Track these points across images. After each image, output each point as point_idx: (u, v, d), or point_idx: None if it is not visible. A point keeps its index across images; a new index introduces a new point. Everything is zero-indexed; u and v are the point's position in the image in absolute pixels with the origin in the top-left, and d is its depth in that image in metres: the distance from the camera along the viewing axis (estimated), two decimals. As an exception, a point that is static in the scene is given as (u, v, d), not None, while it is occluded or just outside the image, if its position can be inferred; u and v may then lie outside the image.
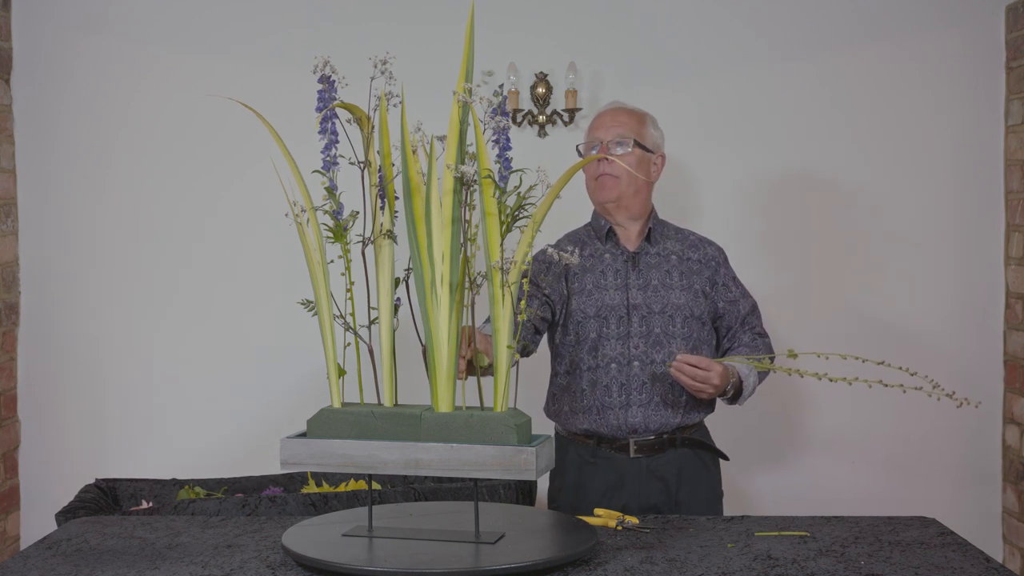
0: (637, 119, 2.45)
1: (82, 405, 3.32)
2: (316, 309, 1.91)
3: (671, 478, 2.37)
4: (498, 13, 3.16)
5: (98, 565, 1.76)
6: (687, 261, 2.45)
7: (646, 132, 2.45)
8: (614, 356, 2.36)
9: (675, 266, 2.44)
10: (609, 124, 2.43)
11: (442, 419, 1.79)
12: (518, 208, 1.82)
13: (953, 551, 1.80)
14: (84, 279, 3.32)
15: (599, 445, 2.38)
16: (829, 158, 3.29)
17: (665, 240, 2.47)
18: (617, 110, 2.47)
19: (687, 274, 2.43)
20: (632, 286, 2.40)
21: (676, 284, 2.41)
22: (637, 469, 2.36)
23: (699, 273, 2.44)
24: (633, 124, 2.43)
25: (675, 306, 2.39)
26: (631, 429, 2.35)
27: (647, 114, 2.50)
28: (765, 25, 3.29)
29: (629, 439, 2.36)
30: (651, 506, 2.35)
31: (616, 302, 2.39)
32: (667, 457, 2.38)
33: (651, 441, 2.37)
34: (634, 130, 2.42)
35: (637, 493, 2.36)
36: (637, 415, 2.35)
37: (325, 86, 1.87)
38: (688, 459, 2.40)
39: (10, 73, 3.27)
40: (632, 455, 2.36)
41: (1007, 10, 3.23)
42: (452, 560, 1.67)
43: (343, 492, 2.36)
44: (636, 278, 2.41)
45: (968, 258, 3.29)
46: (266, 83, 3.20)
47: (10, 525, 3.29)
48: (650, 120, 2.49)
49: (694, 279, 2.43)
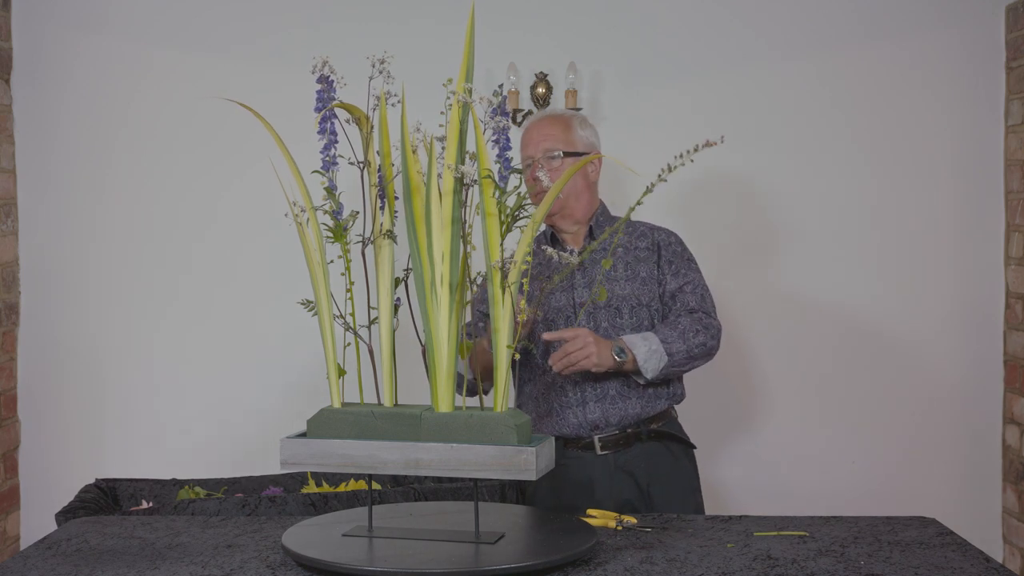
0: (563, 126, 2.43)
1: (82, 405, 3.32)
2: (316, 309, 1.91)
3: (640, 473, 2.35)
4: (498, 13, 3.16)
5: (98, 565, 1.76)
6: (634, 251, 2.43)
7: (574, 137, 2.43)
8: None
9: (620, 258, 2.42)
10: (536, 139, 2.42)
11: (442, 419, 1.79)
12: (518, 208, 1.82)
13: (953, 551, 1.80)
14: (84, 279, 3.32)
15: (566, 447, 2.37)
16: (829, 158, 3.29)
17: (612, 234, 2.44)
18: (541, 122, 2.45)
19: (632, 263, 2.41)
20: (577, 285, 2.40)
21: (621, 276, 2.40)
22: (605, 466, 2.35)
23: (646, 260, 2.42)
24: (559, 133, 2.41)
25: (620, 298, 2.37)
26: (592, 425, 2.35)
27: (574, 116, 2.47)
28: (765, 25, 3.29)
29: (593, 436, 2.35)
30: (624, 502, 2.33)
31: (563, 303, 2.39)
32: (634, 452, 2.36)
33: (616, 436, 2.35)
34: (561, 139, 2.40)
35: (608, 490, 2.34)
36: (595, 411, 2.34)
37: (324, 86, 1.87)
38: (657, 452, 2.38)
39: (10, 73, 3.27)
40: (599, 452, 2.35)
41: (1007, 10, 3.24)
42: (452, 560, 1.67)
43: (343, 492, 2.36)
44: (581, 277, 2.41)
45: (968, 258, 3.29)
46: (266, 83, 3.20)
47: (10, 525, 3.29)
48: (577, 122, 2.46)
49: (640, 267, 2.41)
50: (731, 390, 3.32)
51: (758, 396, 3.33)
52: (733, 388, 3.32)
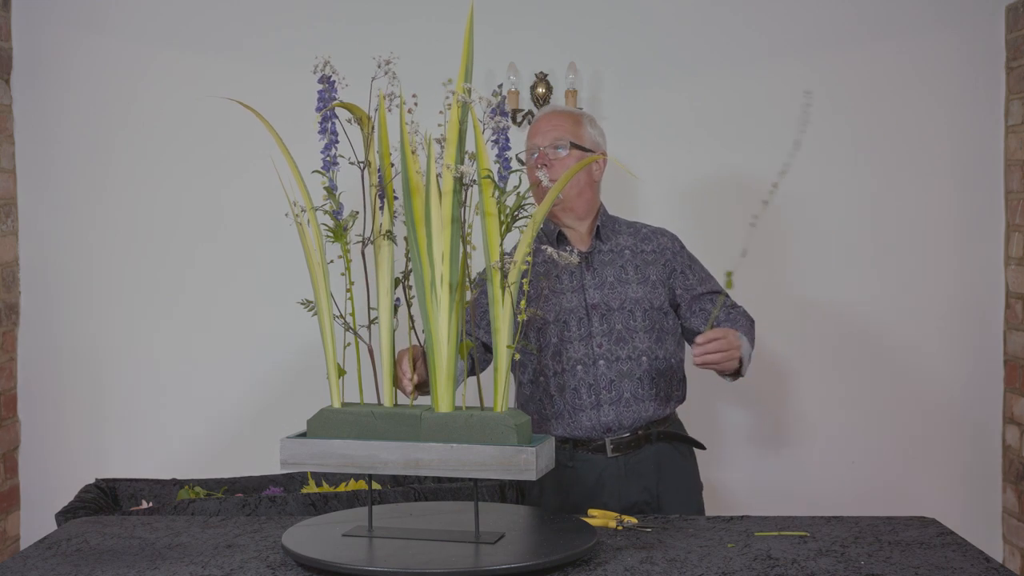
0: (573, 120, 2.43)
1: (82, 405, 3.32)
2: (316, 309, 1.91)
3: (650, 474, 2.35)
4: (498, 13, 3.16)
5: (98, 565, 1.76)
6: (641, 254, 2.43)
7: (583, 133, 2.42)
8: (579, 358, 2.34)
9: (629, 260, 2.42)
10: (545, 129, 2.41)
11: (442, 419, 1.79)
12: (517, 208, 1.82)
13: (953, 551, 1.80)
14: (84, 279, 3.32)
15: (575, 448, 2.35)
16: (829, 158, 3.29)
17: (617, 236, 2.44)
18: (552, 114, 2.45)
19: (642, 267, 2.41)
20: (588, 286, 2.38)
21: (632, 278, 2.39)
22: (615, 469, 2.34)
23: (654, 264, 2.42)
24: (569, 126, 2.40)
25: (633, 300, 2.37)
26: (605, 428, 2.33)
27: (583, 114, 2.48)
28: (765, 25, 3.29)
29: (605, 439, 2.34)
30: (632, 504, 2.33)
31: (574, 304, 2.37)
32: (644, 453, 2.36)
33: (627, 439, 2.34)
34: (570, 132, 2.40)
35: (617, 493, 2.33)
36: (609, 414, 2.33)
37: (325, 86, 1.87)
38: (666, 453, 2.38)
39: (10, 73, 3.27)
40: (610, 455, 2.34)
41: (1007, 10, 3.24)
42: (452, 560, 1.67)
43: (343, 492, 2.36)
44: (592, 277, 2.39)
45: (968, 258, 3.29)
46: (266, 83, 3.20)
47: (10, 525, 3.29)
48: (587, 120, 2.46)
49: (649, 271, 2.41)
50: (732, 390, 3.31)
51: (758, 396, 3.33)
52: (734, 388, 3.32)
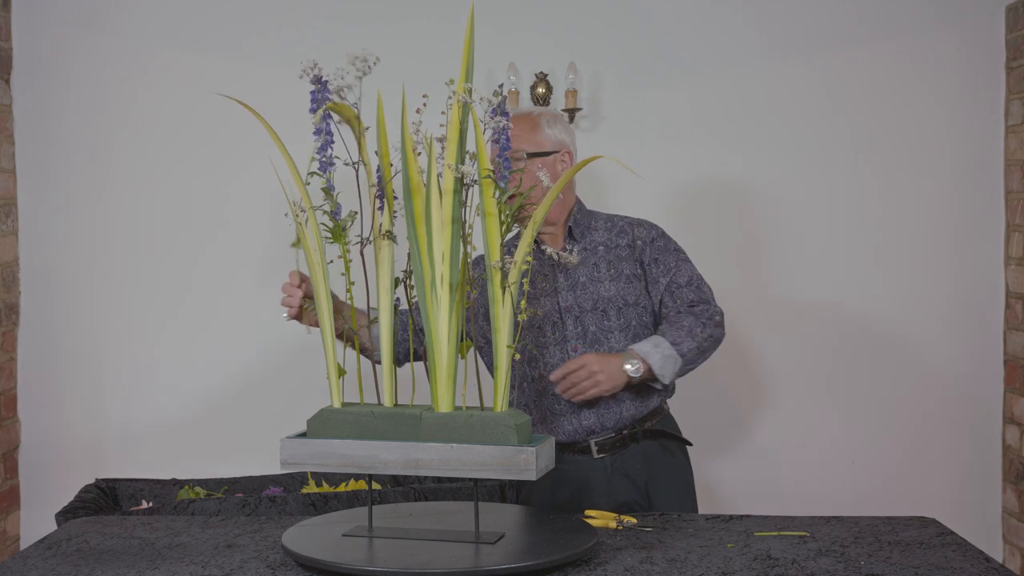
0: (529, 126, 2.33)
1: (82, 405, 3.32)
2: (316, 309, 1.91)
3: (637, 473, 2.32)
4: (498, 13, 3.16)
5: (98, 565, 1.76)
6: (615, 249, 2.36)
7: (539, 137, 2.33)
8: (555, 363, 2.29)
9: (602, 257, 2.35)
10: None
11: (442, 419, 1.79)
12: (518, 208, 1.81)
13: (953, 551, 1.80)
14: (84, 279, 3.32)
15: (561, 452, 2.29)
16: (829, 158, 3.29)
17: (592, 232, 2.37)
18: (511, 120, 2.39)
19: (615, 262, 2.34)
20: (561, 288, 2.33)
21: (604, 276, 2.33)
22: (602, 468, 2.32)
23: (627, 259, 2.35)
24: (524, 133, 2.31)
25: (606, 299, 2.31)
26: (588, 431, 2.31)
27: (541, 114, 2.38)
28: (765, 25, 3.29)
29: (589, 440, 2.31)
30: (622, 503, 2.31)
31: (548, 308, 2.33)
32: (631, 452, 2.33)
33: (612, 439, 2.31)
34: (526, 139, 2.31)
35: (606, 492, 2.31)
36: (590, 417, 2.30)
37: (318, 87, 1.86)
38: (653, 451, 2.35)
39: (10, 73, 3.27)
40: (596, 456, 2.32)
41: (1007, 10, 3.24)
42: (452, 560, 1.67)
43: (343, 492, 2.36)
44: (564, 279, 2.34)
45: (968, 258, 3.29)
46: (266, 83, 3.19)
47: (10, 525, 3.29)
48: (545, 120, 2.36)
49: (623, 266, 2.34)
50: (731, 390, 3.32)
51: (758, 396, 3.33)
52: (733, 388, 3.33)
